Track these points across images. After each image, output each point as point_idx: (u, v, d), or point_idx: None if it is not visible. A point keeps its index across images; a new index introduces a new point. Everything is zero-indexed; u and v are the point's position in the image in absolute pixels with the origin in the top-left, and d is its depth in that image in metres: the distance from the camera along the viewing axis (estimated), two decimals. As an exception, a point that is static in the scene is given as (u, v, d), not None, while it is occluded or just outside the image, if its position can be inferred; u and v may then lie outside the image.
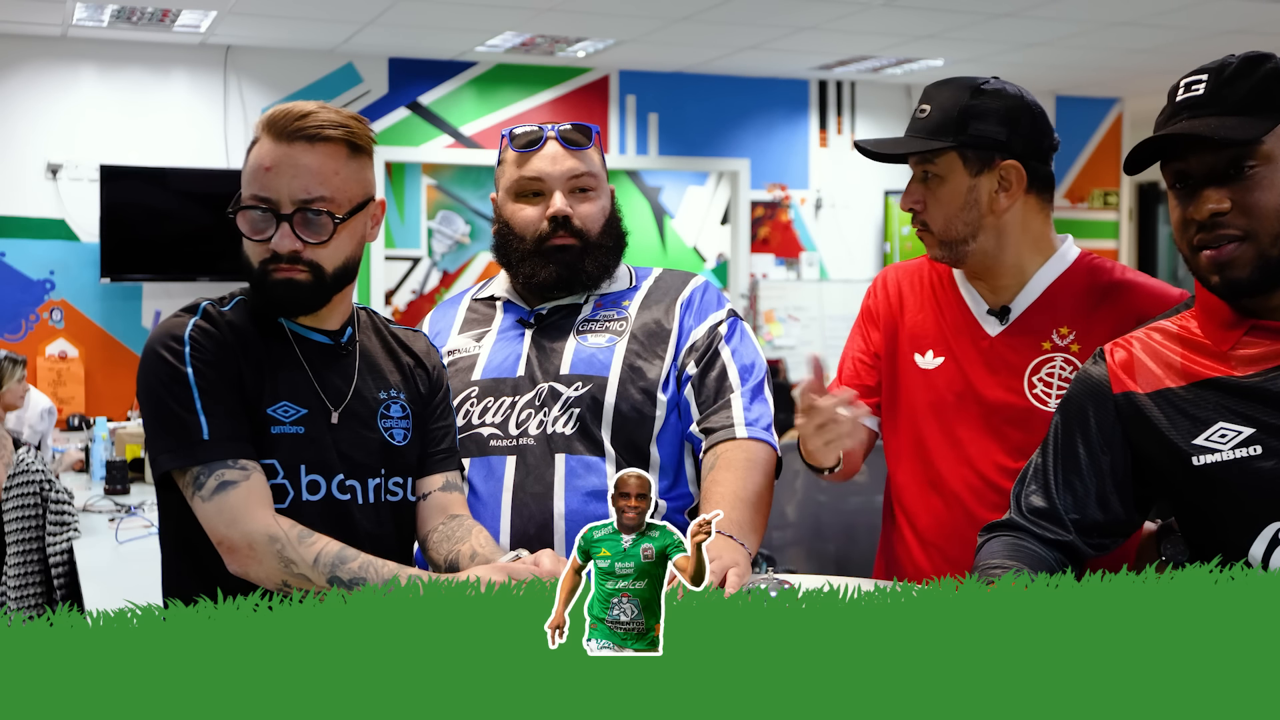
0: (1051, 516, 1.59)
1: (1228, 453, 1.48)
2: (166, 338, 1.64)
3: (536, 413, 1.91)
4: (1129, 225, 8.84)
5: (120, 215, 6.46)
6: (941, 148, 1.83)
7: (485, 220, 8.91)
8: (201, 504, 1.59)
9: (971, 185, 1.84)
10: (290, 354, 1.69)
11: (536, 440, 1.89)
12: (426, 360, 1.85)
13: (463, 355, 2.00)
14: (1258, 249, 1.46)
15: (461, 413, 1.93)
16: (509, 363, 1.96)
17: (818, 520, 3.48)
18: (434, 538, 1.76)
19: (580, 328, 1.98)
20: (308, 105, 1.65)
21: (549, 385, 1.92)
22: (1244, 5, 5.99)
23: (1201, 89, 1.49)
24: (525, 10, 6.04)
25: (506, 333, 2.01)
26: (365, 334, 1.80)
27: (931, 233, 1.88)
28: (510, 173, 1.99)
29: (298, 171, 1.62)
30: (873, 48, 7.01)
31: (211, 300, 1.70)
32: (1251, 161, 1.45)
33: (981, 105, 1.84)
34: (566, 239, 1.96)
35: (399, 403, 1.77)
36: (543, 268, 1.96)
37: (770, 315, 7.87)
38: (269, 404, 1.65)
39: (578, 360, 1.94)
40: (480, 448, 1.91)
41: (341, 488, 1.68)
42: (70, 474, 5.08)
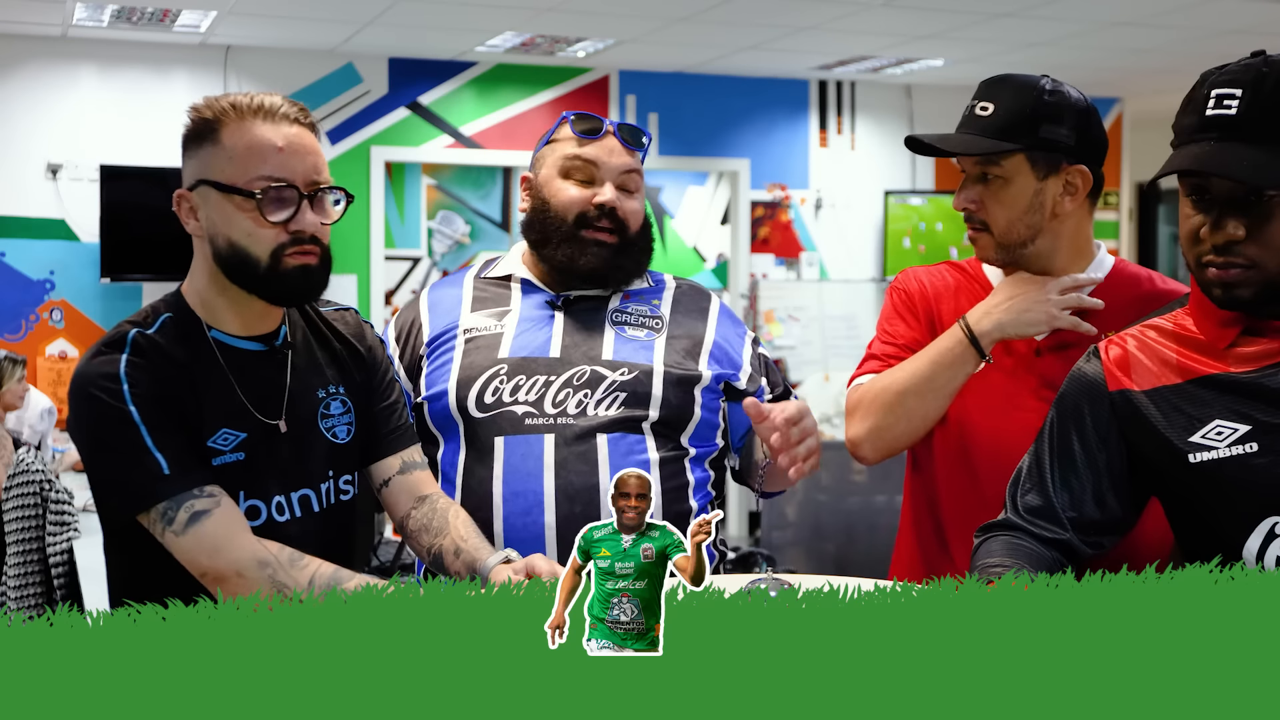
0: (1048, 515, 1.59)
1: (1224, 450, 1.48)
2: (99, 379, 1.54)
3: (575, 393, 1.90)
4: (1129, 225, 8.84)
5: (120, 215, 6.45)
6: (1010, 149, 1.81)
7: (485, 220, 8.91)
8: (175, 539, 1.53)
9: (1038, 189, 1.83)
10: (222, 375, 1.62)
11: (576, 420, 1.89)
12: (359, 343, 1.79)
13: (482, 333, 1.97)
14: (1265, 277, 1.45)
15: (489, 390, 1.91)
16: (540, 343, 1.95)
17: (818, 520, 3.48)
18: (411, 525, 1.74)
19: (615, 318, 2.00)
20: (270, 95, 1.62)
21: (590, 368, 1.92)
22: (1244, 5, 5.99)
23: (1235, 106, 1.43)
24: (525, 10, 6.04)
25: (532, 313, 1.99)
26: (297, 330, 1.73)
27: (990, 234, 1.86)
28: (563, 150, 2.00)
29: (308, 151, 1.60)
30: (873, 48, 7.01)
31: (136, 325, 1.61)
32: (1275, 192, 1.42)
33: (1050, 107, 1.82)
34: (605, 231, 1.97)
35: (338, 398, 1.72)
36: (582, 255, 1.96)
37: (770, 315, 7.86)
38: (209, 434, 1.59)
39: (620, 347, 1.95)
40: (514, 425, 1.89)
41: (284, 506, 1.64)
42: (70, 474, 5.08)
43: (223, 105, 1.60)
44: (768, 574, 1.55)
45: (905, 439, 1.88)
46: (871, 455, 1.91)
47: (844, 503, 3.33)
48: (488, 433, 1.88)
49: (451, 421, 1.92)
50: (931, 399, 1.83)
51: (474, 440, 1.90)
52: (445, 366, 1.95)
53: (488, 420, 1.89)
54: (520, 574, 1.54)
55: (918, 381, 1.83)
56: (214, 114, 1.59)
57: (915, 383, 1.84)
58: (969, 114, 1.88)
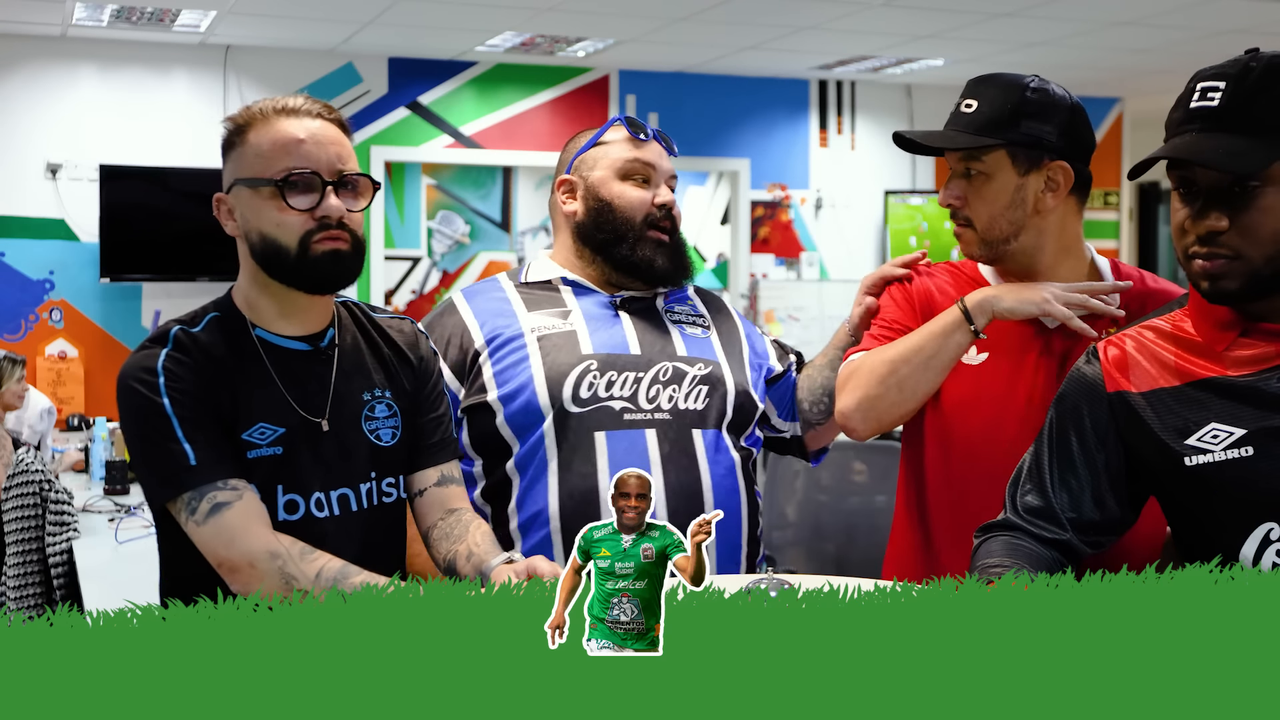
0: (1048, 515, 1.59)
1: (1219, 453, 1.47)
2: (140, 371, 1.61)
3: (664, 388, 1.94)
4: (1129, 225, 8.84)
5: (120, 215, 6.45)
6: (991, 145, 1.83)
7: (485, 220, 8.91)
8: (197, 528, 1.58)
9: (1019, 184, 1.85)
10: (265, 371, 1.66)
11: (671, 415, 1.92)
12: (412, 352, 1.81)
13: (555, 331, 1.97)
14: (1249, 267, 1.45)
15: (584, 384, 1.92)
16: (618, 340, 1.98)
17: (818, 520, 3.48)
18: (434, 535, 1.75)
19: (670, 317, 2.05)
20: (298, 97, 1.69)
21: (671, 365, 1.96)
22: (1244, 5, 5.99)
23: (1218, 99, 1.44)
24: (525, 10, 6.04)
25: (596, 313, 2.02)
26: (347, 333, 1.76)
27: (974, 229, 1.88)
28: (621, 153, 2.03)
29: (331, 142, 1.65)
30: (873, 48, 7.01)
31: (182, 323, 1.67)
32: (1257, 182, 1.43)
33: (1033, 104, 1.84)
34: (664, 231, 2.02)
35: (384, 401, 1.74)
36: (656, 254, 2.01)
37: (770, 315, 7.87)
38: (244, 428, 1.63)
39: (690, 345, 2.01)
40: (614, 420, 1.91)
41: (324, 503, 1.66)
42: (70, 474, 5.08)
43: (252, 110, 1.67)
44: (768, 574, 1.55)
45: (895, 410, 1.87)
46: (861, 427, 1.90)
47: (844, 503, 3.33)
48: (586, 427, 1.90)
49: (535, 418, 1.92)
50: (923, 370, 1.84)
51: (568, 435, 1.90)
52: (522, 365, 1.94)
53: (586, 414, 1.91)
54: (521, 574, 1.55)
55: (910, 351, 1.85)
56: (244, 119, 1.67)
57: (908, 352, 1.85)
58: (955, 111, 1.90)
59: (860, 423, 1.89)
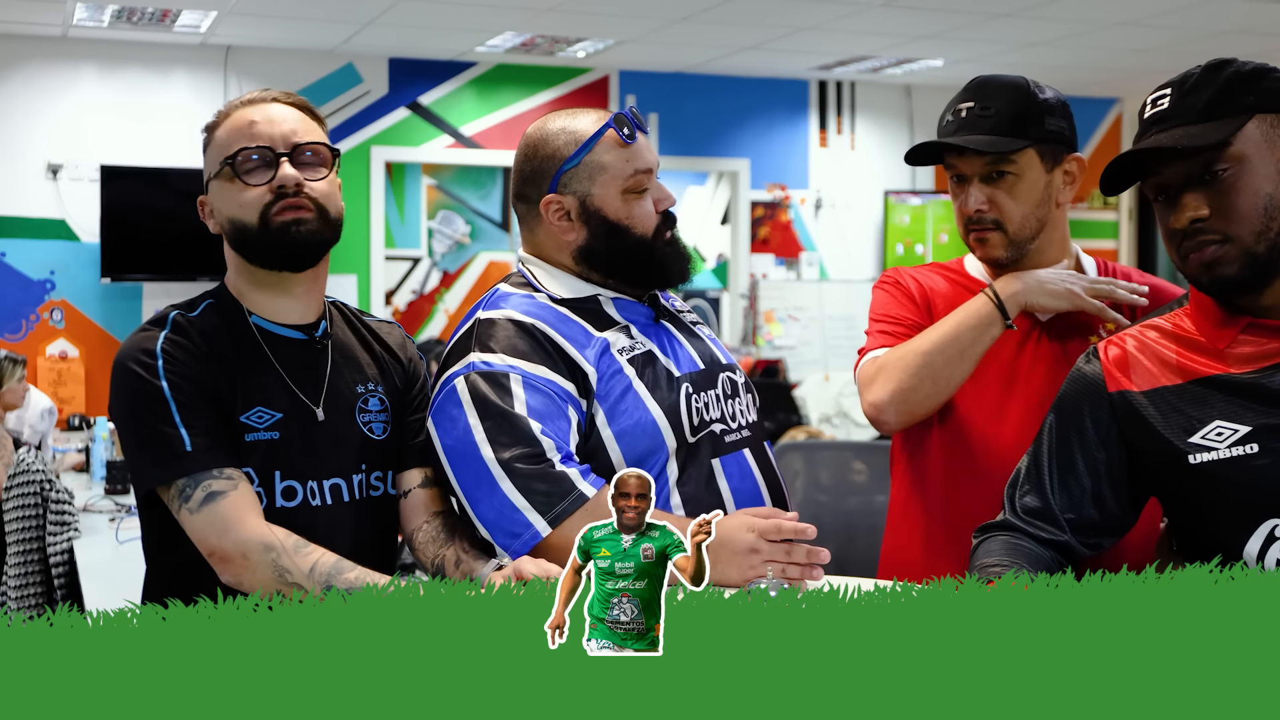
0: (1047, 516, 1.59)
1: (1224, 451, 1.48)
2: (137, 353, 1.61)
3: (732, 402, 1.85)
4: (1129, 225, 8.84)
5: (120, 215, 6.45)
6: (1024, 145, 1.87)
7: (485, 220, 8.91)
8: (189, 516, 1.57)
9: (1047, 181, 1.89)
10: (262, 356, 1.67)
11: (750, 430, 1.86)
12: (401, 353, 1.82)
13: (634, 351, 1.78)
14: (1241, 247, 1.47)
15: (694, 410, 1.77)
16: (685, 356, 1.84)
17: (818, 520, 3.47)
18: (420, 537, 1.74)
19: (686, 317, 1.95)
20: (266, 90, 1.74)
21: (725, 375, 1.87)
22: (1243, 5, 5.99)
23: (1166, 103, 1.52)
24: (525, 10, 6.04)
25: (647, 328, 1.84)
26: (339, 327, 1.78)
27: (1003, 231, 1.89)
28: (618, 165, 1.79)
29: (284, 120, 1.68)
30: (873, 48, 7.01)
31: (180, 308, 1.68)
32: (1223, 165, 1.46)
33: (1046, 102, 1.89)
34: (670, 231, 1.85)
35: (377, 395, 1.75)
36: (674, 261, 1.84)
37: (770, 315, 7.87)
38: (242, 411, 1.63)
39: (719, 351, 1.92)
40: (720, 445, 1.79)
41: (316, 492, 1.66)
42: (70, 474, 5.08)
43: (221, 111, 1.72)
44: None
45: (929, 402, 1.86)
46: (894, 420, 1.88)
47: (844, 503, 3.33)
48: (704, 455, 1.77)
49: (657, 448, 1.74)
50: (957, 361, 1.83)
51: (688, 465, 1.76)
52: (628, 393, 1.75)
53: (701, 442, 1.77)
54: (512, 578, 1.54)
55: (944, 342, 1.84)
56: (213, 120, 1.71)
57: (941, 343, 1.84)
58: (967, 117, 1.89)
59: (894, 415, 1.87)
